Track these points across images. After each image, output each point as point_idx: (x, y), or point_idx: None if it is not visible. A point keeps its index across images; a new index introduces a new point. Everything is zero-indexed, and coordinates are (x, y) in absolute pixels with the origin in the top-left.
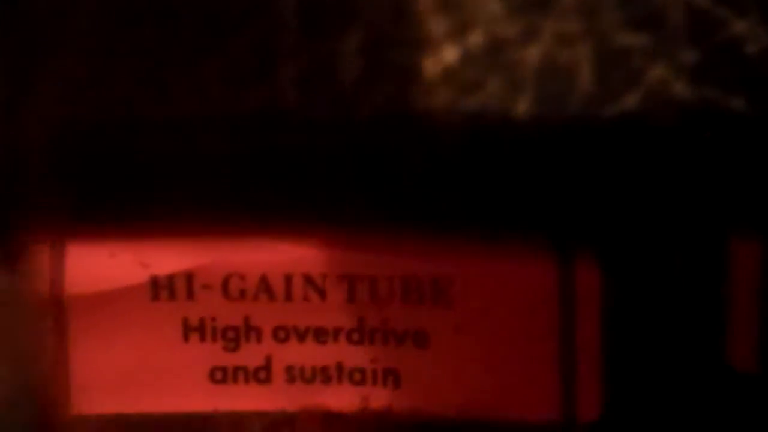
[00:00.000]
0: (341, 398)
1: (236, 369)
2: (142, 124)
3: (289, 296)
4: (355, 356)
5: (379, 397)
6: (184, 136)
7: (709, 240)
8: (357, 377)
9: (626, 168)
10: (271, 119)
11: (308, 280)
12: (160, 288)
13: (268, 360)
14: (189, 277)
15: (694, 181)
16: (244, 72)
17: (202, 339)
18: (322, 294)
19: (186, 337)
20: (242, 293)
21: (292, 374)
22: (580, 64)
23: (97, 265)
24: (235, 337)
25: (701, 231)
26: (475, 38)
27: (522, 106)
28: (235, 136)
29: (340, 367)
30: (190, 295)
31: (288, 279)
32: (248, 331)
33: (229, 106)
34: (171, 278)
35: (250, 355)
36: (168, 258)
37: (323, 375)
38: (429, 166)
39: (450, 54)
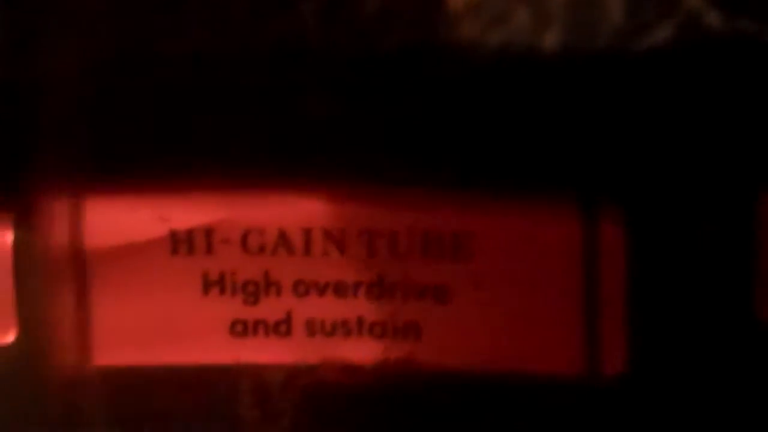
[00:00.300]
0: (362, 351)
1: (256, 322)
2: (161, 61)
3: (308, 251)
4: (375, 310)
5: (400, 351)
6: (204, 73)
7: (737, 193)
8: (377, 331)
9: (655, 109)
10: (293, 53)
11: (327, 234)
12: (179, 242)
13: (288, 314)
14: (208, 231)
15: (723, 129)
16: (267, 4)
17: (222, 293)
18: (341, 248)
19: (206, 291)
20: (261, 248)
21: (313, 328)
22: None
23: (117, 220)
24: (254, 291)
25: (729, 183)
26: None
27: (549, 39)
28: (257, 71)
29: (360, 321)
30: (210, 249)
31: (307, 233)
32: (268, 285)
33: (251, 39)
34: (190, 233)
35: (270, 308)
36: (187, 212)
37: (343, 329)
38: (452, 108)
39: None
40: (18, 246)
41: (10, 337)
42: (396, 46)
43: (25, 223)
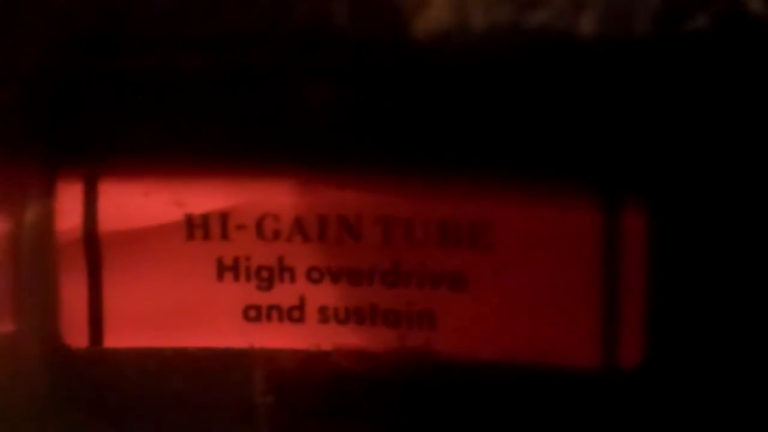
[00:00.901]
0: (376, 339)
1: (270, 308)
2: (181, 44)
3: (323, 237)
4: (389, 298)
5: (415, 339)
6: (223, 57)
7: (761, 184)
8: (392, 318)
9: (684, 97)
10: (322, 38)
11: (343, 221)
12: (194, 227)
13: (302, 300)
14: (224, 216)
15: (749, 119)
16: None
17: (236, 278)
18: (356, 236)
19: (220, 276)
20: (276, 234)
21: (326, 314)
22: None
23: (132, 204)
24: (268, 276)
25: (753, 174)
26: None
27: (585, 24)
28: (275, 56)
29: (374, 308)
30: (225, 234)
31: (322, 220)
32: (282, 271)
33: (279, 22)
34: (206, 218)
35: (284, 294)
36: (203, 197)
37: (357, 316)
38: (473, 95)
39: None
40: (31, 229)
41: (22, 322)
42: (423, 32)
43: (39, 206)
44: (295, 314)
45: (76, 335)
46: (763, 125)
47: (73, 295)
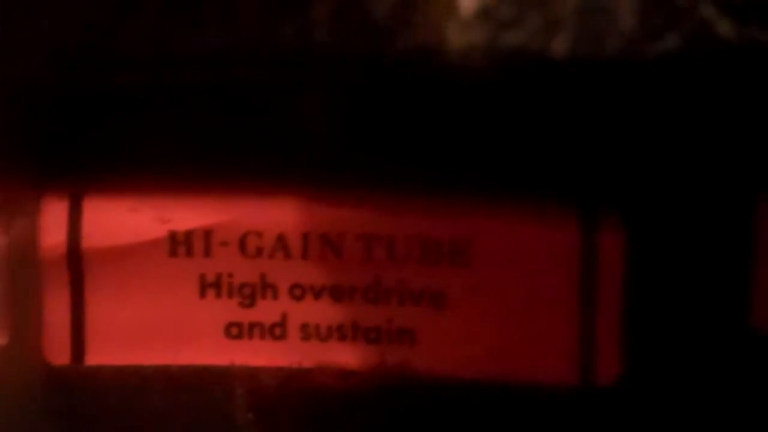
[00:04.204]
0: (356, 356)
1: (252, 325)
2: (163, 60)
3: (305, 254)
4: (371, 315)
5: (395, 356)
6: (206, 73)
7: (734, 201)
8: (372, 336)
9: (658, 117)
10: (304, 54)
11: (325, 238)
12: (178, 244)
13: (284, 317)
14: (207, 233)
15: (722, 138)
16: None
17: (219, 295)
18: (338, 253)
19: (203, 293)
20: (259, 251)
21: (308, 331)
22: (621, 1)
23: (116, 220)
24: (251, 293)
25: (727, 192)
26: None
27: (560, 46)
28: (258, 73)
29: (355, 325)
30: (208, 251)
31: (305, 237)
32: (264, 288)
33: (262, 39)
34: (189, 234)
35: (266, 311)
36: (187, 214)
37: (339, 333)
38: (453, 114)
39: None
40: (14, 245)
41: (3, 338)
42: (402, 51)
43: (24, 222)
44: (276, 331)
45: (57, 352)
46: (733, 144)
47: (56, 311)
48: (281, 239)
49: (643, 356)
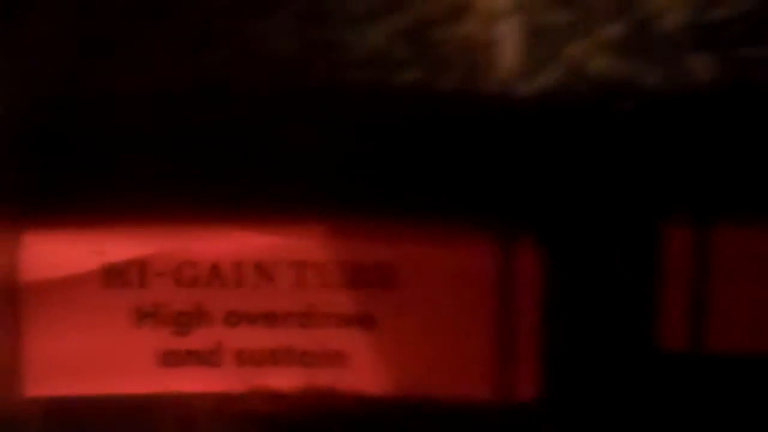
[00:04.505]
0: (289, 379)
1: (187, 353)
2: (100, 98)
3: (240, 283)
4: (304, 339)
5: (326, 378)
6: (132, 113)
7: (641, 227)
8: (306, 360)
9: (568, 145)
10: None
11: (258, 266)
12: (113, 275)
13: (219, 344)
14: (142, 264)
15: (624, 164)
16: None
17: (154, 324)
18: (272, 280)
19: (138, 323)
20: (194, 280)
21: (243, 357)
22: (504, 40)
23: (52, 253)
24: (186, 322)
25: (636, 216)
26: (402, 17)
27: (447, 84)
28: (188, 107)
29: (289, 349)
30: (143, 282)
31: (239, 266)
32: (199, 316)
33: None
34: (124, 265)
35: (201, 339)
36: (122, 246)
37: (272, 358)
38: (376, 142)
39: (376, 33)
40: None
41: None
42: (318, 82)
43: None
44: (212, 358)
45: None
46: (638, 174)
47: None
48: (216, 268)
49: (560, 373)
